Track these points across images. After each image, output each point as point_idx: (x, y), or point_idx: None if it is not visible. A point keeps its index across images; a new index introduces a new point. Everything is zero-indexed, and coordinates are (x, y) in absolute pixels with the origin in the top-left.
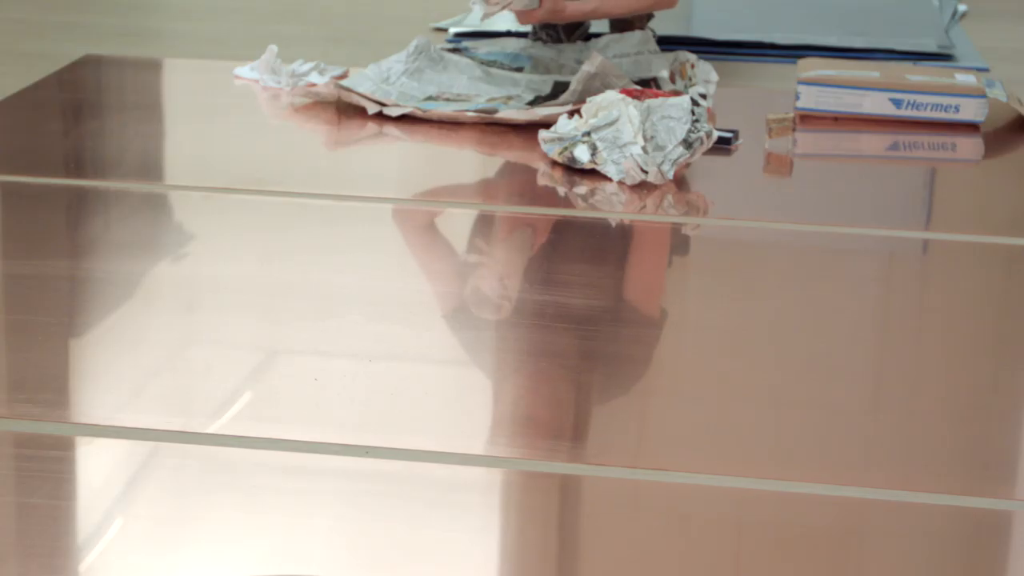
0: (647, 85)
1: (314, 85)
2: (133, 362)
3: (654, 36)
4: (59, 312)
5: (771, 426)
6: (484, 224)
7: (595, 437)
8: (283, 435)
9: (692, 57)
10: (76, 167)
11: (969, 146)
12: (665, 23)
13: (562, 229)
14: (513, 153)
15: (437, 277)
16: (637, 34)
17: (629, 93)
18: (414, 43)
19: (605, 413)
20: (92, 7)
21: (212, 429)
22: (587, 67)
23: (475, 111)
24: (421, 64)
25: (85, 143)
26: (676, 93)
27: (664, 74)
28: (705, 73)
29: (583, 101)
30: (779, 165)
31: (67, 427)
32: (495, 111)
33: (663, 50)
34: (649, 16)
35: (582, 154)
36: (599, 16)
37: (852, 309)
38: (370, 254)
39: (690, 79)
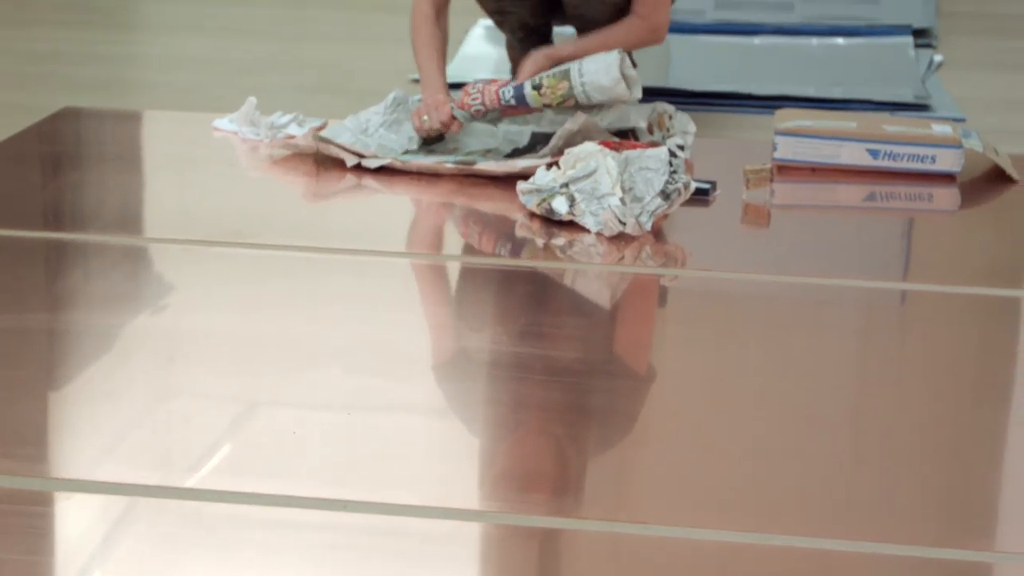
0: (625, 136)
1: (293, 137)
2: (111, 415)
3: None
4: (38, 366)
5: (751, 478)
6: (465, 276)
7: (575, 490)
8: (261, 489)
9: (670, 108)
10: (55, 220)
11: (946, 196)
12: (643, 74)
13: (540, 281)
14: (492, 204)
15: (417, 329)
16: None
17: (607, 144)
18: (392, 95)
19: (585, 466)
20: (71, 59)
21: (190, 483)
22: (570, 125)
23: (454, 163)
24: (399, 116)
25: (64, 195)
26: (654, 144)
27: (642, 125)
28: (683, 124)
29: (560, 152)
30: (757, 216)
31: (45, 482)
32: (473, 163)
33: (641, 101)
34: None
35: (560, 205)
36: (583, 55)
37: (831, 360)
38: (349, 307)
39: (668, 130)
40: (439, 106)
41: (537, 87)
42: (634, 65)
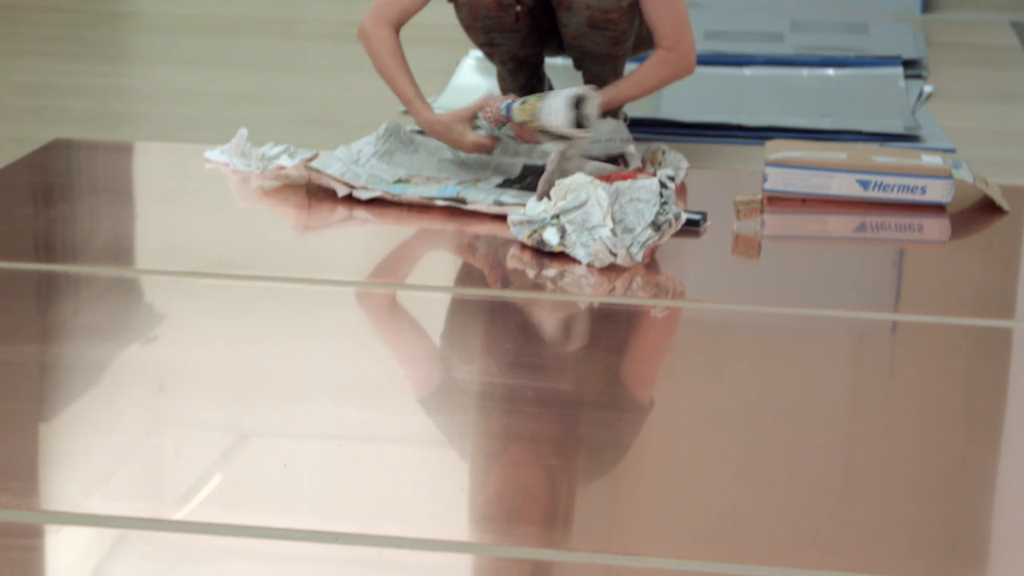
0: (615, 161)
1: (284, 168)
2: (102, 447)
3: (626, 121)
4: (28, 398)
5: (743, 509)
6: (455, 307)
7: (566, 522)
8: (252, 521)
9: (663, 146)
10: (46, 251)
11: (936, 227)
12: (635, 106)
13: (531, 312)
14: (482, 235)
15: (407, 361)
16: (609, 122)
17: (598, 176)
18: (384, 126)
19: (575, 497)
20: (62, 91)
21: (180, 515)
22: (549, 166)
23: (444, 199)
24: (391, 146)
25: (55, 227)
26: (642, 170)
27: (631, 149)
28: (676, 161)
29: (551, 184)
30: (747, 247)
31: (35, 515)
32: (464, 200)
33: (633, 134)
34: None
35: (551, 237)
36: (616, 104)
37: (822, 391)
38: (339, 338)
39: (660, 165)
40: (478, 146)
41: (523, 102)
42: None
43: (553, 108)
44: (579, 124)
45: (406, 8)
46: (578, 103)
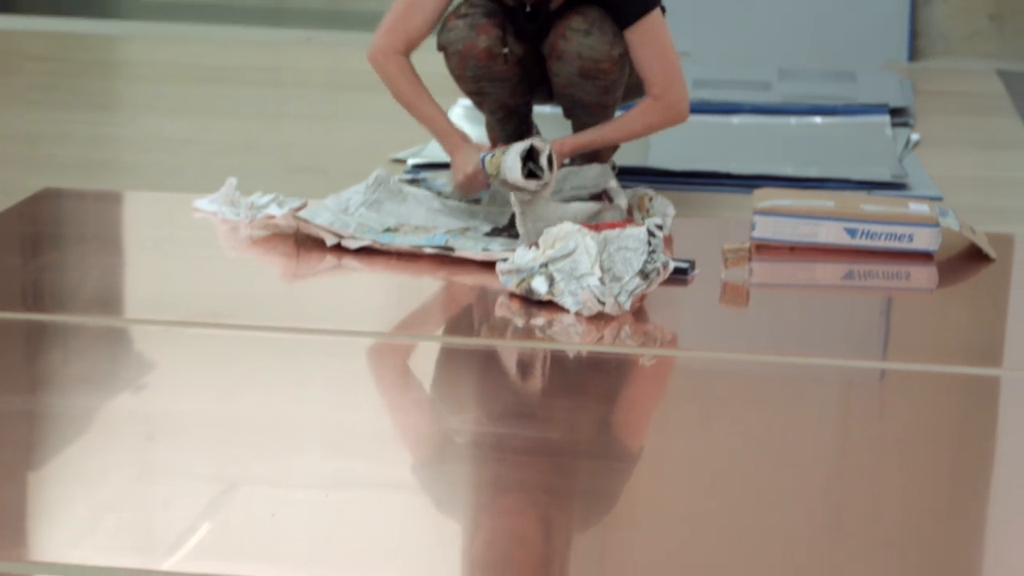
0: (599, 198)
1: (273, 217)
2: (90, 497)
3: (615, 169)
4: (16, 447)
5: (733, 557)
6: (445, 356)
7: (558, 572)
8: (241, 571)
9: (650, 192)
10: (35, 300)
11: (924, 275)
12: (623, 154)
13: (520, 361)
14: (471, 284)
15: (396, 410)
16: (595, 167)
17: (586, 224)
18: (374, 175)
19: (567, 547)
20: (51, 140)
21: (168, 565)
22: (517, 215)
23: (432, 248)
24: (380, 195)
25: (44, 276)
26: (631, 221)
27: (613, 183)
28: (663, 207)
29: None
30: (736, 295)
31: (23, 566)
32: (452, 249)
33: (621, 182)
34: (614, 147)
35: (540, 285)
36: (599, 146)
37: (811, 439)
38: (328, 388)
39: (648, 211)
40: (475, 179)
41: (493, 155)
42: (551, 162)
43: (507, 163)
44: (533, 175)
45: (412, 34)
46: (528, 156)
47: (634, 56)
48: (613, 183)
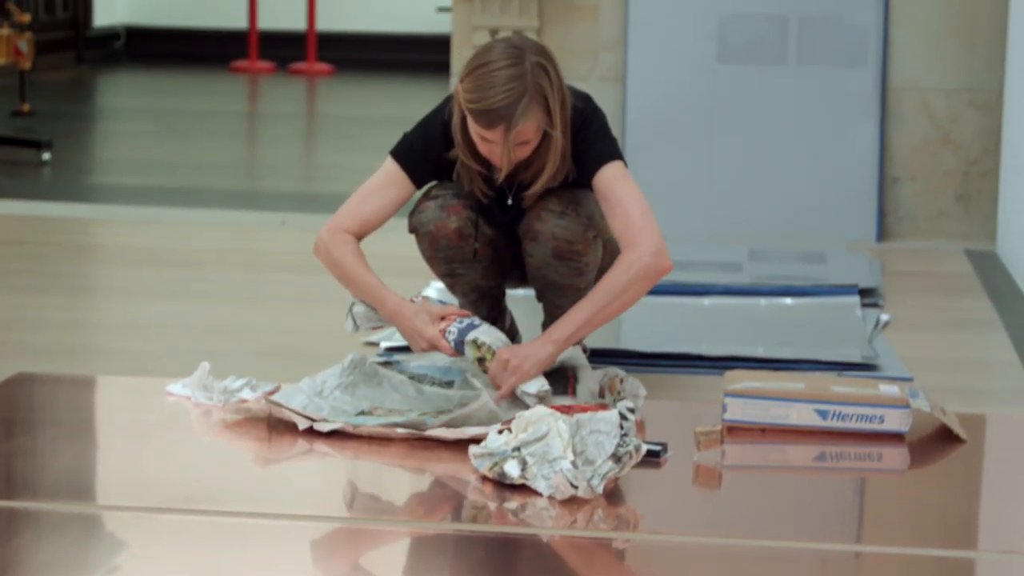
0: (565, 377)
1: (246, 401)
2: None
3: (586, 352)
4: None
5: None
6: (417, 542)
7: None
8: None
9: (621, 372)
10: (6, 486)
11: (895, 456)
12: (594, 336)
13: (493, 545)
14: (443, 467)
15: None
16: (567, 349)
17: (558, 408)
18: (349, 358)
19: None
20: (25, 325)
21: None
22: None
23: (404, 428)
24: (356, 379)
25: (15, 462)
26: (604, 407)
27: (583, 361)
28: (634, 388)
29: (512, 417)
30: (708, 477)
31: None
32: (424, 426)
33: (592, 363)
34: None
35: (512, 469)
36: (594, 328)
37: None
38: (301, 574)
39: (619, 394)
40: (435, 343)
41: (475, 343)
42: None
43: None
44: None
45: (367, 219)
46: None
47: (605, 211)
48: (582, 360)
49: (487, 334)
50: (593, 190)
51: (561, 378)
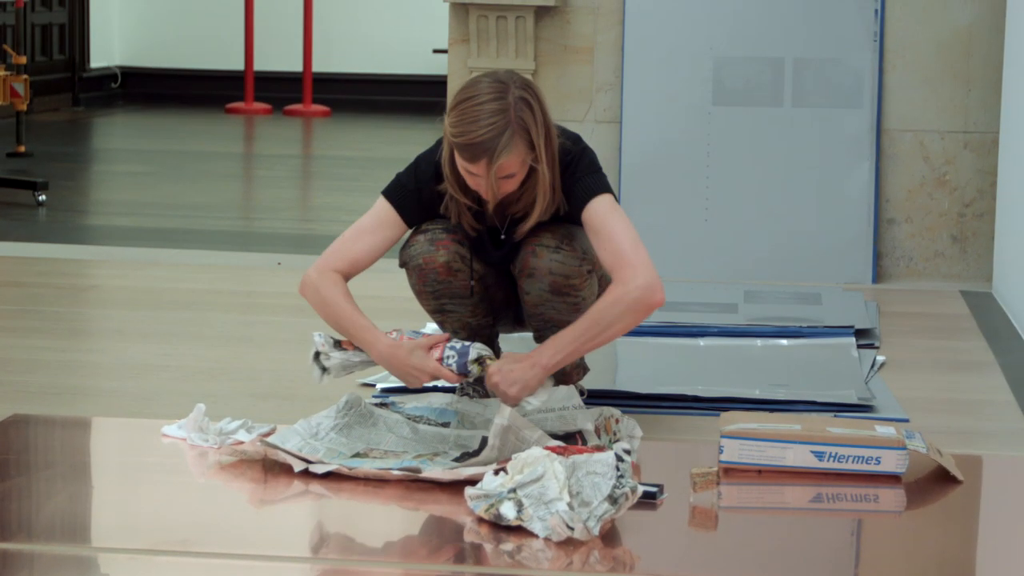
0: (572, 439)
1: (241, 443)
2: None
3: (583, 394)
4: None
5: None
6: None
7: None
8: None
9: (616, 412)
10: (1, 528)
11: (891, 497)
12: (590, 377)
13: None
14: (439, 509)
15: None
16: (562, 389)
17: (554, 449)
18: (344, 398)
19: None
20: (21, 367)
21: None
22: (498, 420)
23: (400, 470)
24: (351, 420)
25: (10, 504)
26: (600, 448)
27: (589, 427)
28: (630, 429)
29: (508, 458)
30: (704, 519)
31: None
32: (420, 470)
33: (588, 404)
34: (585, 370)
35: (508, 511)
36: (579, 356)
37: None
38: None
39: (615, 434)
40: (437, 374)
41: (478, 360)
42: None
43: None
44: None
45: (357, 259)
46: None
47: (594, 244)
48: (589, 426)
49: (483, 349)
50: (583, 224)
51: (570, 440)
